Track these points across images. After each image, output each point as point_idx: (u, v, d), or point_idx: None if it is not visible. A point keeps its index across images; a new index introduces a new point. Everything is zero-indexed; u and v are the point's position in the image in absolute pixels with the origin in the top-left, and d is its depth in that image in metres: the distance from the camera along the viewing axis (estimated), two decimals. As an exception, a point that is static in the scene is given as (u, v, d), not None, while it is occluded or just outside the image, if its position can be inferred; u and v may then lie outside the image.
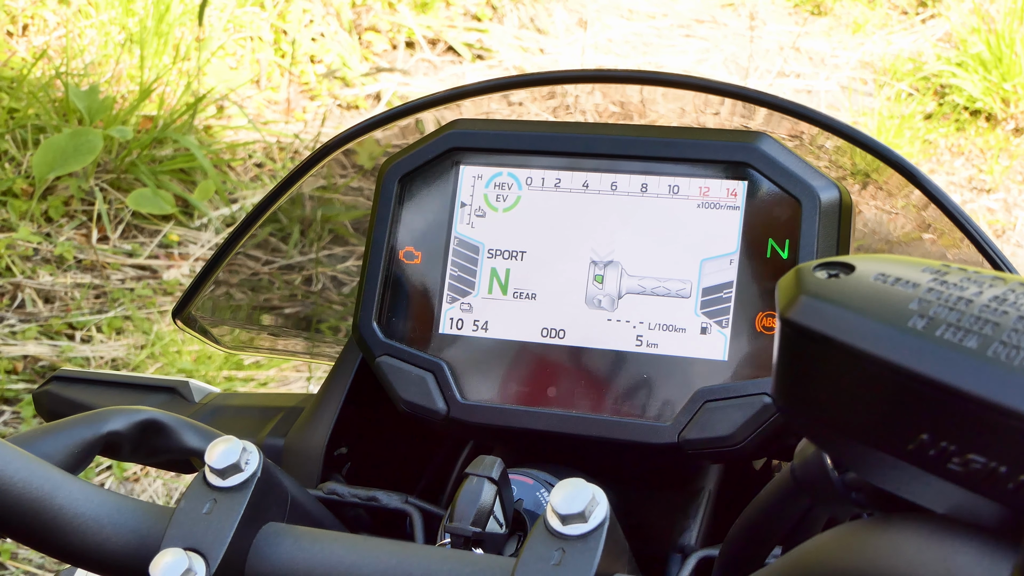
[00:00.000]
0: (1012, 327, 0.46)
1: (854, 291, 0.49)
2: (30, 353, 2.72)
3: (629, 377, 0.81)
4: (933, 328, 0.46)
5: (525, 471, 0.80)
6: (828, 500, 0.59)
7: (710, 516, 0.84)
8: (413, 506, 0.82)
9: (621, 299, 0.82)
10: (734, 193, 0.80)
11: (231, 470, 0.66)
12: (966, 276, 0.49)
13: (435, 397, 0.83)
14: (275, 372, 2.76)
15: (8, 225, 2.98)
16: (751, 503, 0.66)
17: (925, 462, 0.47)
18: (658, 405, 0.80)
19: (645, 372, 0.80)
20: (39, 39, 3.49)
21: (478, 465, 0.71)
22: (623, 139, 0.83)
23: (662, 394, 0.80)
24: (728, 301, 0.80)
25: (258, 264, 2.70)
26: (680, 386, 0.80)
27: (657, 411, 0.80)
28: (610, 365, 0.81)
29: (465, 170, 0.86)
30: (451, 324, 0.85)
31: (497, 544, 0.71)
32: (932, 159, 3.94)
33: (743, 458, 0.80)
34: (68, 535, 0.66)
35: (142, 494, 2.48)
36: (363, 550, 0.65)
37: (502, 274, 0.84)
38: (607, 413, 0.81)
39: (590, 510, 0.61)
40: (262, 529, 0.67)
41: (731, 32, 4.49)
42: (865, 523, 0.53)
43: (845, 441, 0.50)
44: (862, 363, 0.47)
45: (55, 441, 0.73)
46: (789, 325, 0.50)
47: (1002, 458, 0.44)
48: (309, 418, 0.89)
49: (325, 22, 3.93)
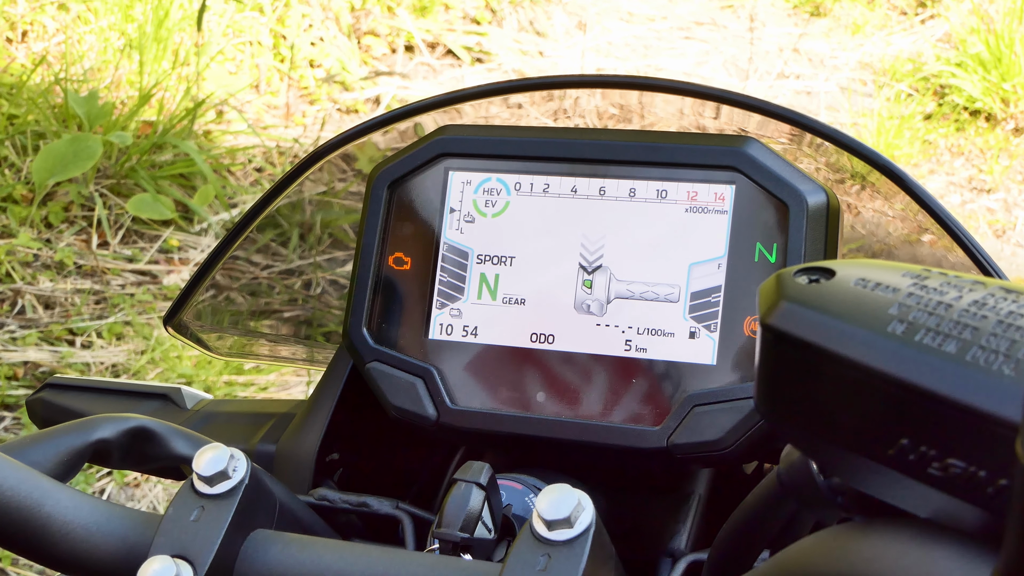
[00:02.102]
0: (991, 331, 0.46)
1: (834, 296, 0.49)
2: (30, 359, 2.72)
3: (618, 382, 0.81)
4: (912, 333, 0.46)
5: (514, 476, 0.80)
6: (814, 504, 0.59)
7: (700, 520, 0.84)
8: (404, 512, 0.82)
9: (610, 304, 0.82)
10: (722, 197, 0.80)
11: (219, 477, 0.66)
12: (946, 281, 0.49)
13: (425, 403, 0.83)
14: (275, 376, 2.77)
15: (8, 231, 2.99)
16: (739, 507, 0.66)
17: (906, 467, 0.47)
18: (647, 410, 0.80)
19: (634, 377, 0.81)
20: (38, 45, 3.50)
21: (466, 471, 0.71)
22: (611, 144, 0.83)
23: (651, 398, 0.80)
24: (716, 305, 0.80)
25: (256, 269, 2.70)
26: (669, 390, 0.80)
27: (646, 416, 0.80)
28: (599, 370, 0.81)
29: (454, 176, 0.86)
30: (441, 330, 0.85)
31: (486, 549, 0.71)
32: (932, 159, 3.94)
33: (733, 462, 0.80)
34: (57, 543, 0.67)
35: (142, 499, 2.48)
36: (350, 556, 0.65)
37: (491, 279, 0.84)
38: (596, 418, 0.81)
39: (576, 515, 0.61)
40: (250, 536, 0.67)
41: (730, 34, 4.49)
42: (848, 527, 0.53)
43: (827, 446, 0.50)
44: (842, 368, 0.47)
45: (44, 449, 0.73)
46: (770, 331, 0.50)
47: (981, 463, 0.44)
48: (300, 424, 0.89)
49: (324, 26, 3.93)
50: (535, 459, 0.85)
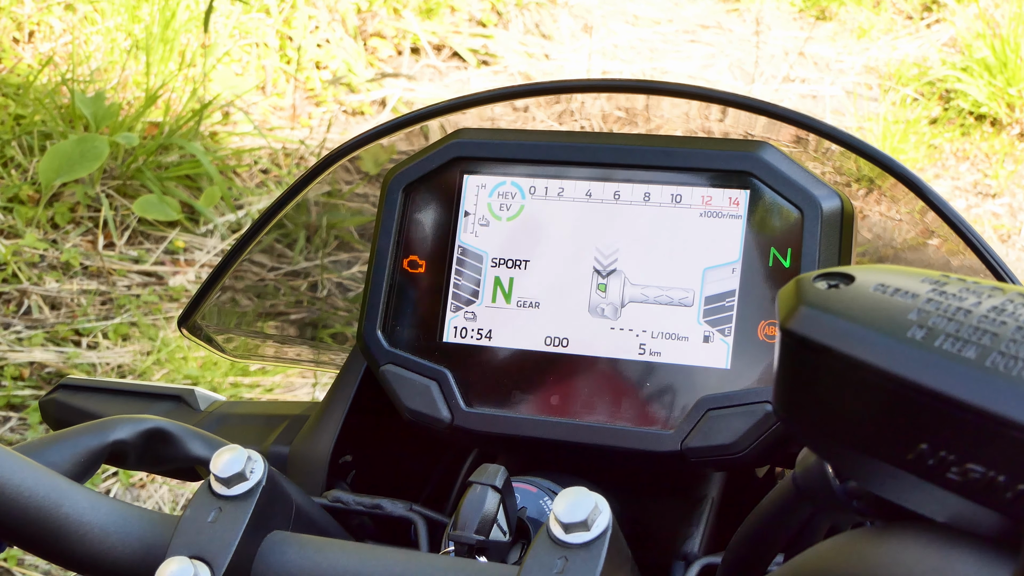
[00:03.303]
0: (1010, 337, 0.46)
1: (853, 301, 0.49)
2: (36, 359, 2.72)
3: (632, 385, 0.81)
4: (932, 338, 0.47)
5: (529, 479, 0.81)
6: (830, 508, 0.59)
7: (713, 524, 0.84)
8: (417, 514, 0.82)
9: (624, 308, 0.82)
10: (736, 202, 0.81)
11: (236, 479, 0.67)
12: (965, 286, 0.49)
13: (439, 405, 0.83)
14: (281, 378, 2.77)
15: (15, 232, 2.99)
16: (753, 511, 0.66)
17: (924, 472, 0.47)
18: (661, 413, 0.80)
19: (648, 381, 0.81)
20: (45, 46, 3.50)
21: (482, 473, 0.71)
22: (626, 148, 0.83)
23: (665, 402, 0.80)
24: (731, 310, 0.80)
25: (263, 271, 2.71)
26: (683, 394, 0.80)
27: (660, 419, 0.80)
28: (613, 374, 0.82)
29: (469, 179, 0.86)
30: (455, 333, 0.85)
31: (501, 552, 0.71)
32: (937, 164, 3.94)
33: (746, 466, 0.81)
34: (74, 544, 0.67)
35: (148, 500, 2.48)
36: (366, 558, 0.66)
37: (505, 283, 0.84)
38: (610, 421, 0.81)
39: (593, 519, 0.61)
40: (267, 537, 0.67)
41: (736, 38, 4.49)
42: (865, 531, 0.53)
43: (845, 450, 0.50)
44: (861, 373, 0.48)
45: (61, 450, 0.73)
46: (789, 335, 0.50)
47: (1000, 468, 0.45)
48: (314, 426, 0.90)
49: (330, 28, 3.94)
50: (549, 462, 0.85)
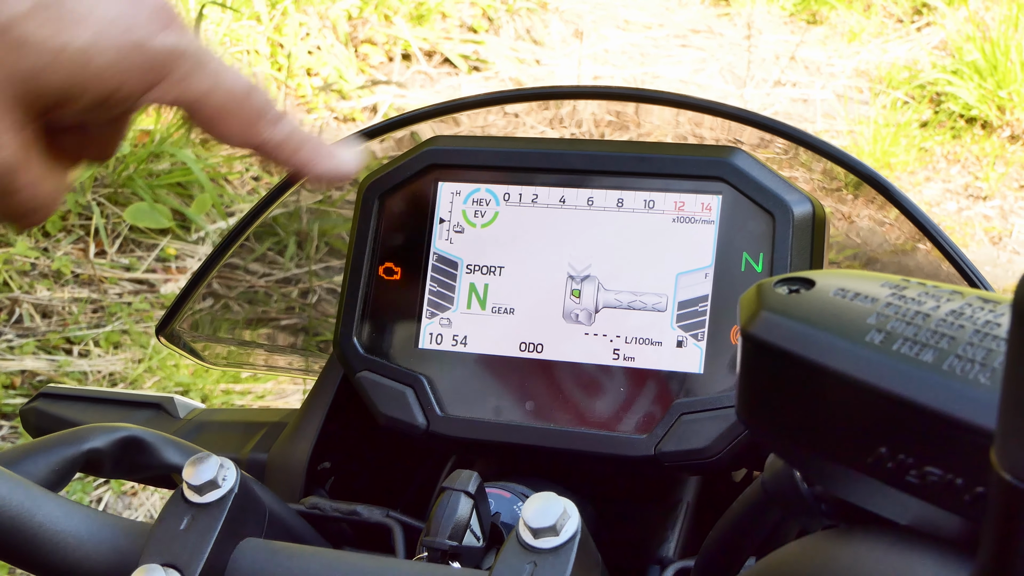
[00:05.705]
0: (968, 340, 0.46)
1: (813, 306, 0.50)
2: (28, 368, 2.72)
3: (606, 390, 0.81)
4: (890, 342, 0.47)
5: (503, 484, 0.81)
6: (798, 512, 0.59)
7: (689, 528, 0.85)
8: (394, 520, 0.82)
9: (598, 313, 0.82)
10: (708, 207, 0.81)
11: (208, 486, 0.67)
12: (924, 291, 0.50)
13: (415, 412, 0.84)
14: (272, 385, 2.77)
15: (5, 240, 2.99)
16: (724, 514, 0.66)
17: (884, 475, 0.47)
18: (635, 418, 0.80)
19: (622, 385, 0.81)
20: (36, 55, 3.50)
21: (454, 479, 0.72)
22: (599, 155, 0.83)
23: (639, 407, 0.80)
24: (704, 314, 0.80)
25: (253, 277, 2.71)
26: (657, 399, 0.80)
27: (634, 424, 0.80)
28: (588, 379, 0.82)
29: (443, 186, 0.86)
30: (431, 339, 0.85)
31: (474, 557, 0.72)
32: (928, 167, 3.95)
33: (720, 470, 0.81)
34: (48, 552, 0.67)
35: (140, 507, 2.48)
36: (339, 564, 0.66)
37: (480, 289, 0.85)
38: (585, 426, 0.81)
39: (561, 523, 0.62)
40: (240, 545, 0.67)
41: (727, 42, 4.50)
42: (830, 534, 0.53)
43: (808, 454, 0.51)
44: (820, 377, 0.48)
45: (36, 459, 0.73)
46: (750, 340, 0.50)
47: (958, 470, 0.45)
48: (292, 433, 0.90)
49: (321, 35, 3.94)
50: (525, 467, 0.86)
